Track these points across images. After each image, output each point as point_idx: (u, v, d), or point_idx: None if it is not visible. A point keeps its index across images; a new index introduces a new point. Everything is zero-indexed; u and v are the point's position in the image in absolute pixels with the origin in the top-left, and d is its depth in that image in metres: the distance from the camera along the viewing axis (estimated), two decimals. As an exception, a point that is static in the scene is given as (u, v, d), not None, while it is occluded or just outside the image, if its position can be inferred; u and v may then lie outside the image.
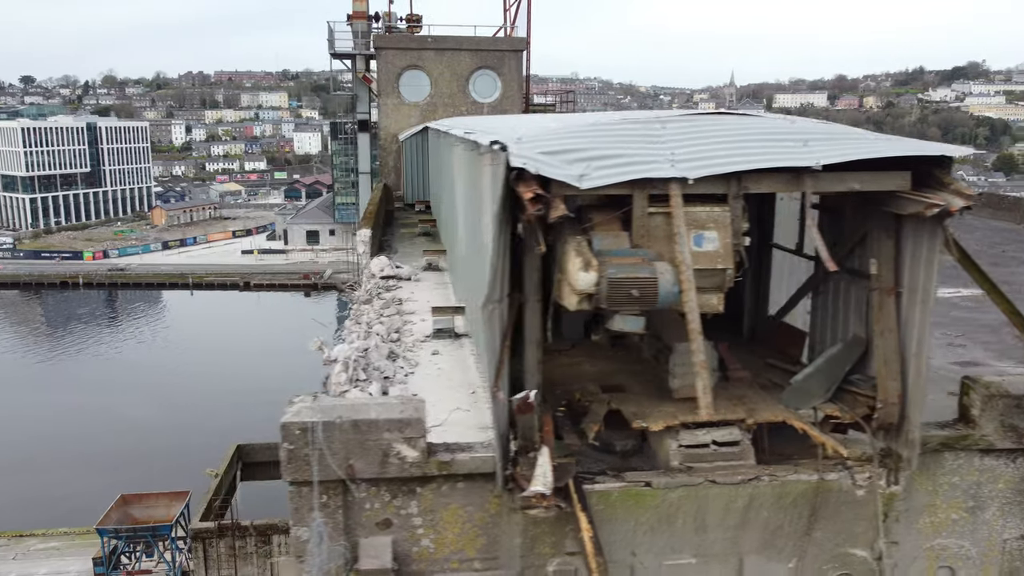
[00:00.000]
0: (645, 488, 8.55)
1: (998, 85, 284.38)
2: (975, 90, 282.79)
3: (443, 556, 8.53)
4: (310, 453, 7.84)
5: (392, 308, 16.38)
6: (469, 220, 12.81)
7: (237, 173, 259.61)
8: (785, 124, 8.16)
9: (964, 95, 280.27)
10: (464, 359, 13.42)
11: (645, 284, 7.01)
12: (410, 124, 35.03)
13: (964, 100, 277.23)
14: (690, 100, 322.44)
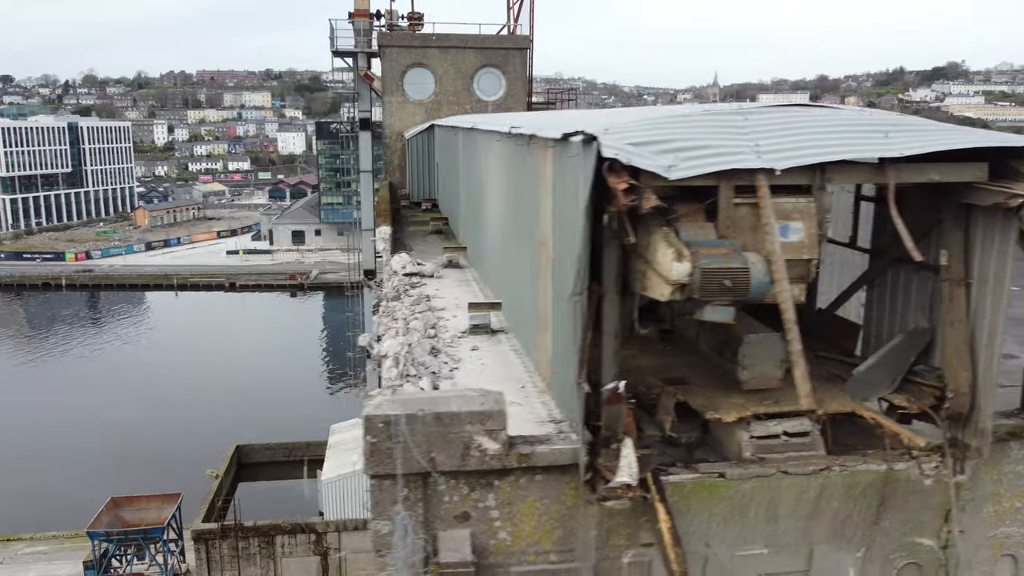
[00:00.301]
0: (719, 479, 8.58)
1: (977, 85, 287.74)
2: (955, 90, 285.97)
3: (520, 549, 8.51)
4: (393, 446, 7.81)
5: (423, 305, 16.32)
6: (513, 215, 12.79)
7: (220, 173, 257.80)
8: (864, 115, 8.23)
9: (944, 95, 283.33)
10: (505, 355, 13.39)
11: (738, 274, 7.05)
12: (415, 122, 34.93)
13: (944, 100, 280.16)
14: (673, 100, 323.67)
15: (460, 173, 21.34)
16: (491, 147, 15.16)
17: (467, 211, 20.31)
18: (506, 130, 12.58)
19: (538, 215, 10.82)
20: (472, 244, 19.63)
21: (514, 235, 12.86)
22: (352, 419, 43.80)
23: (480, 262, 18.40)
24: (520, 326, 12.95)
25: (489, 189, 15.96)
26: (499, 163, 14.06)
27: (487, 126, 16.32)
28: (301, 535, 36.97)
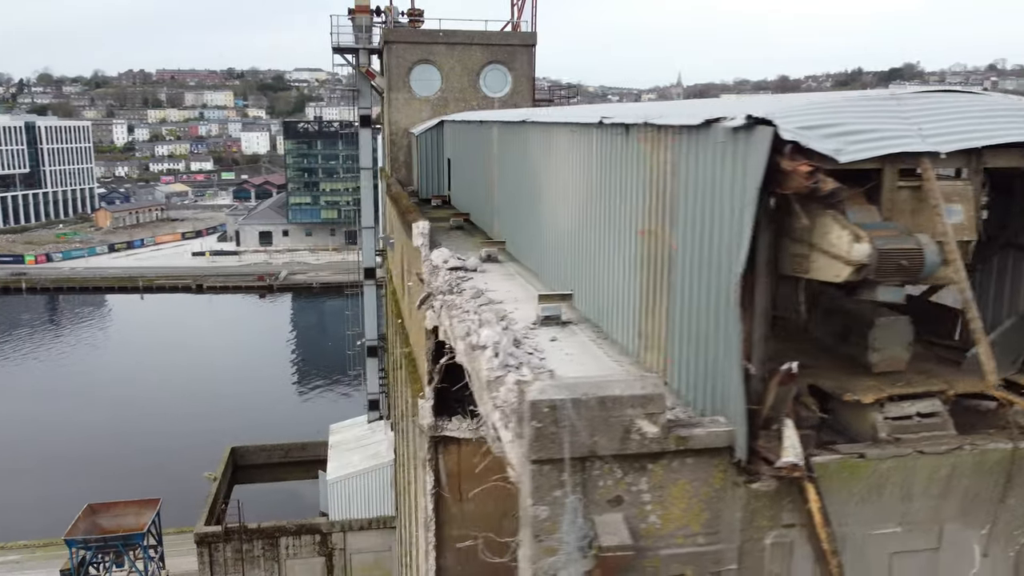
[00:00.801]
0: (859, 459, 8.73)
1: (933, 85, 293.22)
2: (911, 91, 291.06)
3: (669, 532, 8.58)
4: (559, 431, 7.82)
5: (483, 298, 16.31)
6: (595, 207, 12.85)
7: (183, 173, 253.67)
8: (1014, 101, 8.45)
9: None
10: (585, 344, 13.44)
11: (912, 255, 7.20)
12: (421, 119, 34.81)
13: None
14: (638, 100, 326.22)
15: (496, 168, 21.33)
16: (555, 140, 15.19)
17: (507, 205, 20.31)
18: (591, 121, 12.62)
19: (644, 204, 10.89)
20: (515, 238, 19.64)
21: (597, 226, 12.91)
22: (350, 419, 43.48)
23: (528, 255, 18.42)
24: (604, 315, 13.00)
25: (549, 182, 16.00)
26: (571, 155, 14.10)
27: (545, 119, 16.36)
28: (306, 536, 36.65)
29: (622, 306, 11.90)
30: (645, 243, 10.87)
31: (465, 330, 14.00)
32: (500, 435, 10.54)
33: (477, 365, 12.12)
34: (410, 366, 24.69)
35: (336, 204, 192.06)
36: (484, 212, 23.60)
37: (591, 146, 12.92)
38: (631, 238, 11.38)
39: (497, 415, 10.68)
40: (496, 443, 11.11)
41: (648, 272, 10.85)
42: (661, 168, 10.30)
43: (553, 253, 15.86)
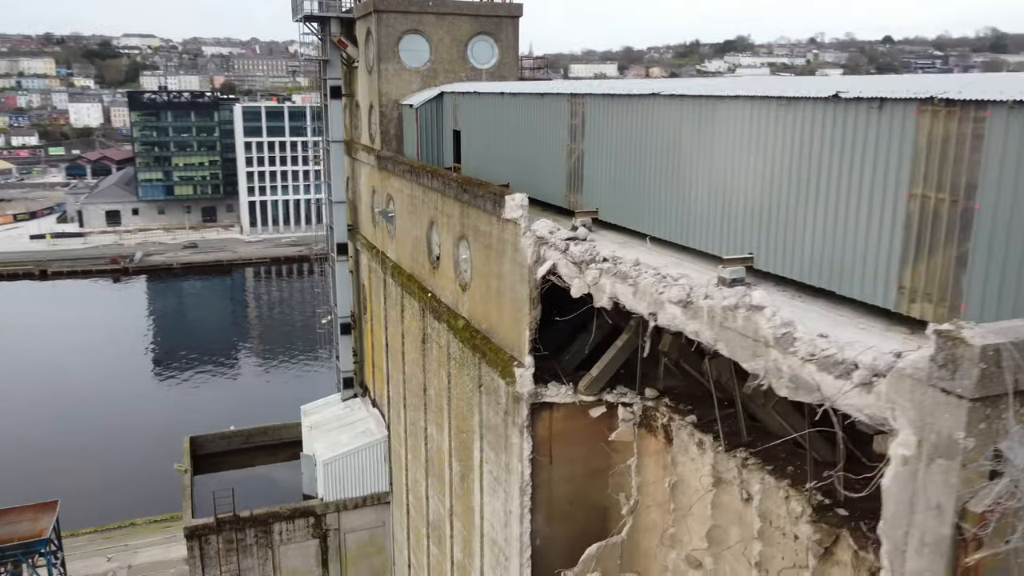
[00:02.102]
0: None
1: (763, 57, 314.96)
2: (744, 62, 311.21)
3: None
4: (1001, 370, 8.93)
5: (643, 265, 17.04)
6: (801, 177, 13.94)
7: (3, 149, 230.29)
8: None
9: (735, 66, 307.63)
10: (790, 302, 14.60)
11: None
12: (411, 90, 34.35)
13: (735, 71, 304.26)
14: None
15: (583, 142, 21.82)
16: (727, 113, 16.08)
17: (605, 179, 20.93)
18: (812, 95, 13.62)
19: (908, 171, 12.08)
20: (622, 209, 20.33)
21: (814, 195, 14.00)
22: (321, 398, 42.57)
23: (651, 224, 19.16)
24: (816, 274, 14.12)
25: (706, 155, 16.88)
26: (764, 128, 15.06)
27: (698, 92, 17.10)
28: (300, 520, 35.94)
29: (866, 265, 13.06)
30: (915, 205, 12.09)
31: (680, 295, 14.76)
32: (820, 385, 11.47)
33: (745, 324, 12.95)
34: (470, 340, 24.88)
35: (191, 180, 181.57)
36: (545, 183, 23.99)
37: (803, 119, 13.95)
38: (887, 202, 12.55)
39: (813, 367, 11.60)
40: (806, 392, 11.98)
41: (919, 231, 12.08)
42: (946, 138, 11.53)
43: (712, 222, 16.77)
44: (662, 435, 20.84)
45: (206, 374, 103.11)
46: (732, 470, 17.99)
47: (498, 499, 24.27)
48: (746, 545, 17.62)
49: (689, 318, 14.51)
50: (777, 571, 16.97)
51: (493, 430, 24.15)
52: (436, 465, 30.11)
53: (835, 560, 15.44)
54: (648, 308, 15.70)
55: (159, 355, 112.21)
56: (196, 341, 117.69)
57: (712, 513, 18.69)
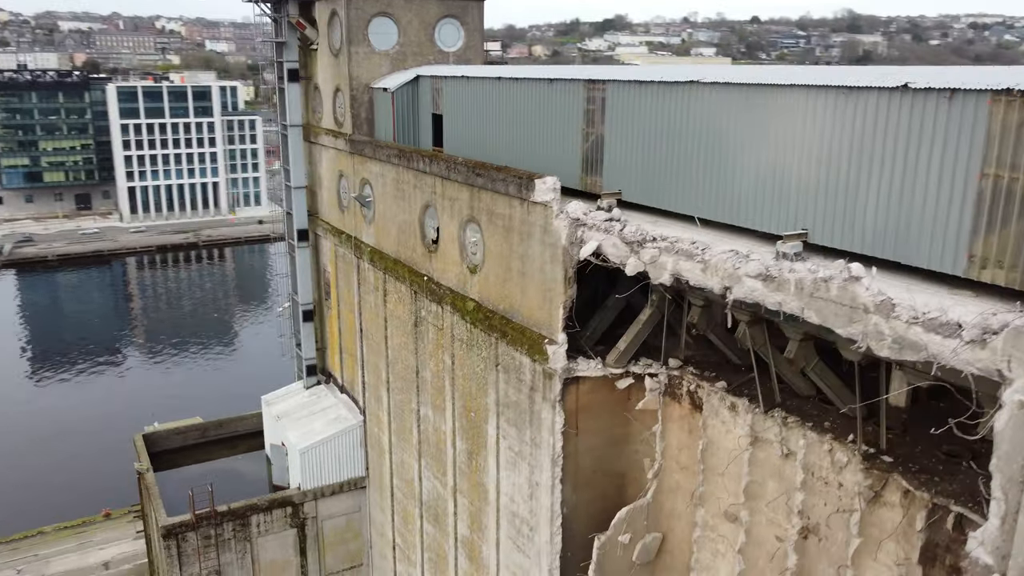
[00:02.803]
0: None
1: (640, 36, 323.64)
2: (623, 40, 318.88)
3: None
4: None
5: (698, 244, 18.23)
6: (857, 158, 15.48)
7: None
8: None
9: (615, 45, 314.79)
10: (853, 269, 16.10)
11: None
12: (380, 73, 34.19)
13: (615, 49, 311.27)
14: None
15: (605, 127, 22.69)
16: (780, 101, 17.40)
17: (632, 161, 21.93)
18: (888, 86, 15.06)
19: (980, 153, 13.73)
20: (653, 189, 21.39)
21: (866, 177, 15.54)
22: (283, 387, 41.98)
23: (689, 204, 20.31)
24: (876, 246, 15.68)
25: (751, 138, 18.19)
26: (820, 115, 16.46)
27: (772, 81, 18.21)
28: (277, 510, 35.66)
29: (934, 238, 14.67)
30: (987, 183, 13.74)
31: (759, 269, 16.03)
32: (928, 344, 12.92)
33: (840, 293, 14.33)
34: (484, 321, 25.51)
35: (62, 165, 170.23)
36: (554, 166, 24.63)
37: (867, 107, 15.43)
38: (957, 182, 14.18)
39: (919, 328, 13.06)
40: (912, 351, 13.40)
41: (991, 206, 13.75)
42: (1020, 124, 13.21)
43: (760, 202, 18.10)
44: (687, 401, 22.27)
45: (91, 373, 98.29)
46: (771, 429, 19.58)
47: (520, 473, 25.14)
48: (788, 496, 19.29)
49: (772, 290, 15.83)
50: (818, 517, 18.72)
51: (514, 407, 24.94)
52: (433, 446, 30.59)
53: (883, 502, 17.22)
54: (721, 283, 16.92)
55: (36, 355, 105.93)
56: (75, 338, 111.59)
57: (749, 470, 20.28)
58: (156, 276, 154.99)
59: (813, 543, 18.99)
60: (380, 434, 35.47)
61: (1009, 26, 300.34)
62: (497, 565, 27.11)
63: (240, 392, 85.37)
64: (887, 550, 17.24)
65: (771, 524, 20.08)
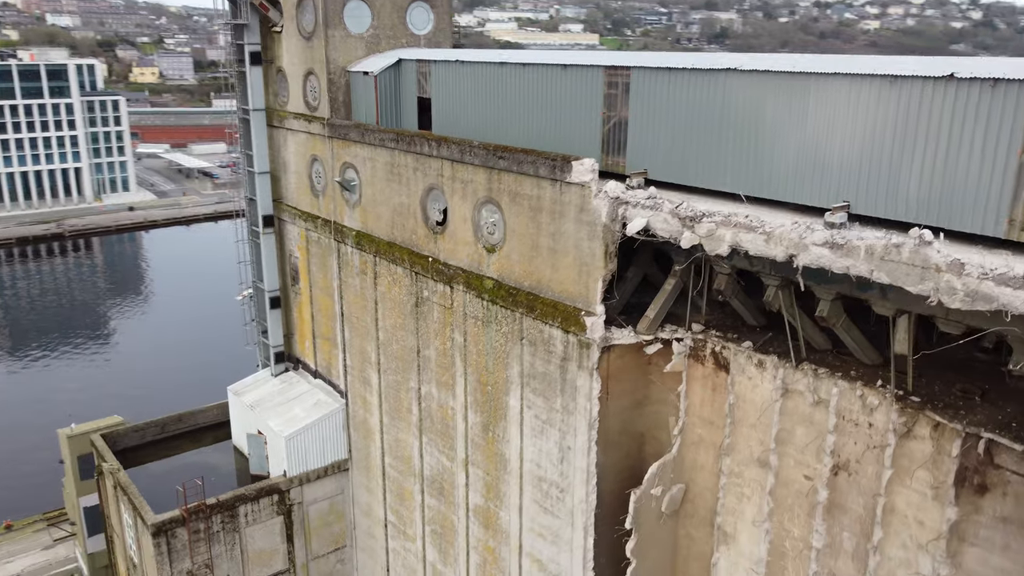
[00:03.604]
0: None
1: (509, 12, 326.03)
2: (492, 16, 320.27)
3: None
4: None
5: (753, 216, 20.17)
6: (901, 141, 17.84)
7: None
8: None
9: (485, 21, 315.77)
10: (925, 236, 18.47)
11: None
12: (356, 57, 34.22)
13: (485, 25, 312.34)
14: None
15: (628, 110, 24.21)
16: (821, 90, 19.47)
17: (661, 143, 23.59)
18: (934, 75, 17.35)
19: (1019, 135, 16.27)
20: (684, 168, 23.13)
21: (906, 156, 17.91)
22: (249, 376, 41.42)
23: (724, 181, 22.17)
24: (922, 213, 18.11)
25: (790, 122, 20.24)
26: (869, 101, 18.64)
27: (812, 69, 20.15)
28: (265, 499, 35.64)
29: (976, 205, 17.17)
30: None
31: (826, 237, 18.09)
32: (999, 296, 15.26)
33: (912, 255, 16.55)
34: (507, 297, 26.66)
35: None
36: (567, 148, 25.90)
37: (911, 93, 17.71)
38: (999, 157, 16.69)
39: (991, 283, 15.41)
40: (984, 302, 15.73)
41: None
42: (1059, 109, 15.79)
43: (800, 178, 20.20)
44: (711, 361, 24.40)
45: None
46: (800, 381, 21.94)
47: (549, 439, 26.61)
48: (820, 439, 21.74)
49: (840, 256, 17.94)
50: (848, 455, 21.26)
51: (541, 377, 26.32)
52: (438, 422, 31.50)
53: (913, 436, 19.87)
54: (786, 251, 18.91)
55: None
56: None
57: (779, 419, 22.64)
58: (16, 271, 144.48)
59: (843, 478, 21.51)
60: (367, 415, 35.92)
61: (848, 5, 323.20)
62: (520, 528, 28.54)
63: (130, 394, 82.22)
64: (919, 477, 19.89)
65: (799, 465, 22.51)
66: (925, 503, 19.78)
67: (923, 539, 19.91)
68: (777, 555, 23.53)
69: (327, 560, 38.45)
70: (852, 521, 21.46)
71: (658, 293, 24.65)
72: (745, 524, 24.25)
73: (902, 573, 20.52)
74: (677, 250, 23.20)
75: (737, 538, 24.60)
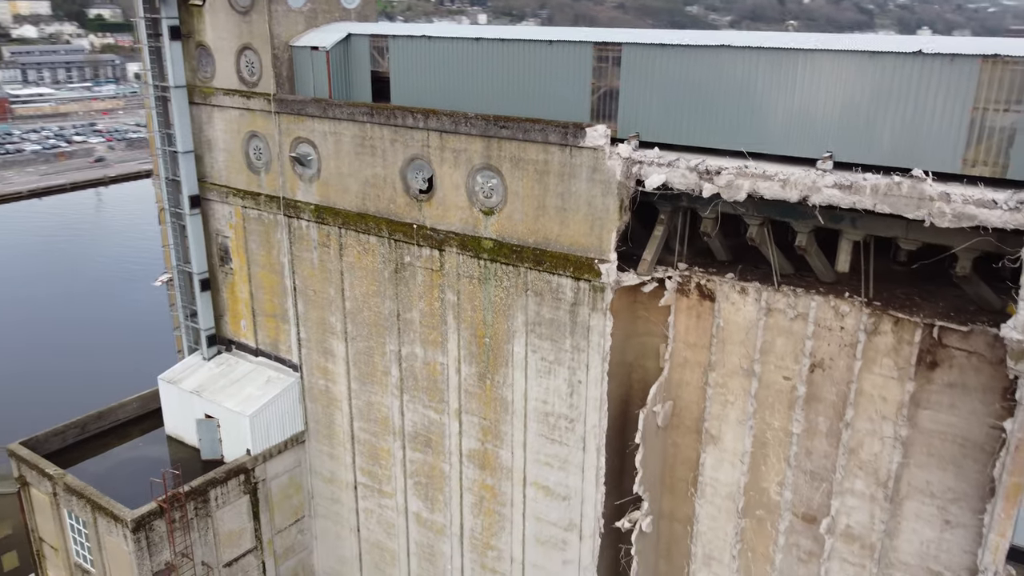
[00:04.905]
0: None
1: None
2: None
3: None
4: (1108, 187, 19.46)
5: (760, 168, 24.62)
6: (876, 107, 23.16)
7: None
8: None
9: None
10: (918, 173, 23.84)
11: None
12: (296, 31, 34.38)
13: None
14: None
15: (619, 81, 27.62)
16: (807, 63, 24.18)
17: (651, 110, 27.32)
18: (904, 51, 22.61)
19: (973, 95, 22.04)
20: (677, 130, 27.08)
21: (886, 118, 23.27)
22: (178, 364, 40.26)
23: (717, 140, 26.42)
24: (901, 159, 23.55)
25: (799, 89, 24.85)
26: (850, 72, 23.62)
27: (769, 45, 24.66)
28: (232, 480, 35.87)
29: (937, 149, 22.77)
30: (977, 113, 22.09)
31: (837, 180, 22.85)
32: (978, 215, 20.73)
33: (910, 190, 21.69)
34: (511, 254, 29.37)
35: None
36: (565, 112, 28.76)
37: (885, 65, 22.87)
38: (955, 112, 22.33)
39: (972, 206, 20.85)
40: (967, 220, 21.19)
41: (980, 127, 22.11)
42: (1001, 76, 21.59)
43: (788, 134, 24.91)
44: (695, 293, 29.00)
45: None
46: (781, 300, 27.14)
47: (558, 377, 29.93)
48: (800, 344, 27.10)
49: (849, 194, 22.87)
50: (823, 355, 26.80)
51: (548, 323, 29.47)
52: (424, 379, 33.51)
53: (879, 332, 25.73)
54: (800, 194, 23.56)
55: None
56: None
57: (762, 334, 27.73)
58: None
59: (819, 374, 27.07)
60: (329, 385, 36.85)
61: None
62: (525, 461, 31.69)
63: None
64: (883, 364, 25.80)
65: (779, 369, 27.83)
66: (888, 383, 25.70)
67: (886, 411, 25.91)
68: (759, 446, 28.79)
69: (289, 532, 39.07)
70: (826, 407, 27.07)
71: (650, 239, 28.68)
72: (730, 425, 29.25)
73: (869, 440, 26.45)
74: (662, 201, 27.39)
75: (722, 439, 29.58)
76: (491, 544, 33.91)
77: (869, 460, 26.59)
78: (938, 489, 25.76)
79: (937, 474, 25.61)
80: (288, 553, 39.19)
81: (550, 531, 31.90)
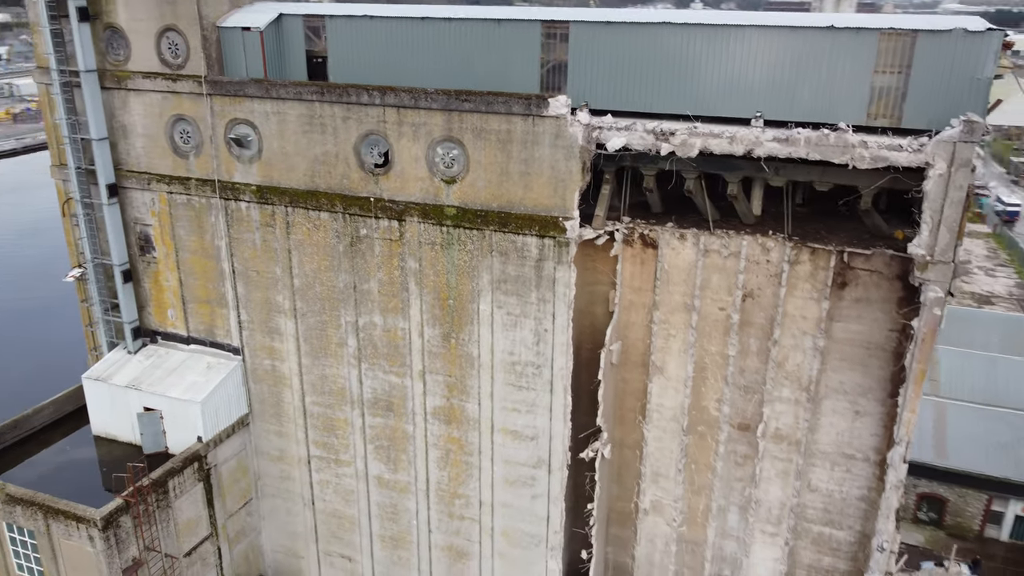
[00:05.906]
0: None
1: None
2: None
3: None
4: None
5: (715, 128, 28.62)
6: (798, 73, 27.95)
7: None
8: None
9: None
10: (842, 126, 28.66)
11: None
12: (223, 12, 34.07)
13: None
14: None
15: (568, 56, 30.53)
16: (738, 38, 28.39)
17: (595, 81, 30.51)
18: (819, 25, 27.38)
19: (874, 61, 27.28)
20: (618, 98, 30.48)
21: (802, 82, 28.09)
22: (101, 361, 38.71)
23: (674, 104, 30.10)
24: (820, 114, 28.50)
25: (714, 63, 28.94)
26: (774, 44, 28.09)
27: (726, 22, 28.61)
28: (188, 468, 35.76)
29: (847, 106, 27.83)
30: (878, 76, 27.32)
31: (777, 135, 27.18)
32: (889, 157, 25.84)
33: (836, 140, 26.44)
34: (475, 219, 31.64)
35: None
36: (515, 85, 31.33)
37: (804, 37, 27.50)
38: (862, 76, 27.45)
39: (885, 150, 25.96)
40: (882, 162, 26.26)
41: (882, 88, 27.36)
42: (896, 46, 26.87)
43: (723, 98, 29.07)
44: (638, 243, 32.92)
45: None
46: (715, 242, 31.68)
47: (523, 328, 32.73)
48: (733, 278, 31.81)
49: (786, 146, 27.37)
50: (753, 286, 31.72)
51: (514, 280, 32.12)
52: (385, 346, 35.01)
53: (799, 261, 30.93)
54: (745, 148, 27.78)
55: None
56: None
57: (700, 273, 32.17)
58: None
59: (750, 303, 31.95)
60: (276, 363, 37.22)
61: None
62: (492, 410, 34.29)
63: None
64: (803, 288, 31.05)
65: (715, 302, 32.45)
66: (808, 304, 30.97)
67: (807, 328, 31.23)
68: (699, 370, 33.36)
69: (239, 516, 39.13)
70: (757, 330, 32.01)
71: (599, 197, 32.09)
72: (673, 356, 33.57)
73: (793, 353, 31.70)
74: (607, 161, 30.94)
75: (666, 368, 33.88)
76: (458, 493, 36.29)
77: (793, 370, 31.79)
78: (849, 387, 31.43)
79: (848, 375, 31.25)
80: (239, 536, 39.27)
81: (519, 471, 34.83)
